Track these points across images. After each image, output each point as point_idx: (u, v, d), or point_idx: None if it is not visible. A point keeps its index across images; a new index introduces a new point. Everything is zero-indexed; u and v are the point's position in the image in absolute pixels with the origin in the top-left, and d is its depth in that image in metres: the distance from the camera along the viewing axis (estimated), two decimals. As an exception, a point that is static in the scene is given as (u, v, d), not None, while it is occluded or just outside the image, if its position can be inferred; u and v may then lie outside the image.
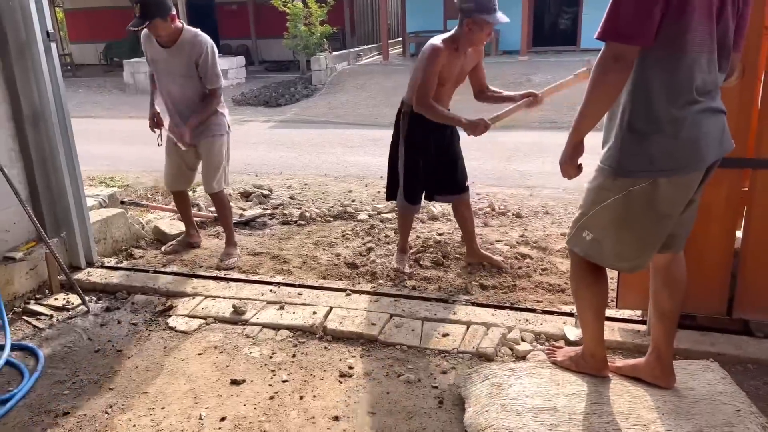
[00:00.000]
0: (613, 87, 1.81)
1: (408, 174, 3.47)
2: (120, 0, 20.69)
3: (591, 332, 2.26)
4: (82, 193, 3.61)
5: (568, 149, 2.00)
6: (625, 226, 1.98)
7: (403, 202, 3.56)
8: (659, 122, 1.81)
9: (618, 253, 2.06)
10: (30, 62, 3.29)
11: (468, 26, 3.14)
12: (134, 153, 7.84)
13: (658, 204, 1.90)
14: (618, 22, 1.73)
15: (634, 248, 2.03)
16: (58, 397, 2.48)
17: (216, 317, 3.07)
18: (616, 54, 1.75)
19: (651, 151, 1.84)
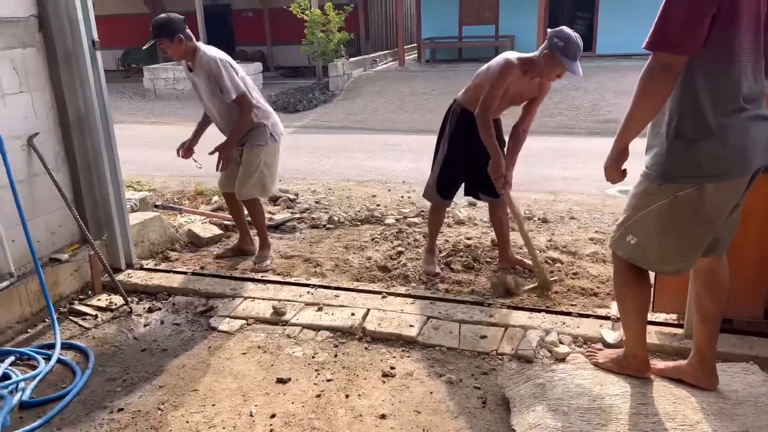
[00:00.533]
0: (660, 95, 1.87)
1: (445, 167, 3.59)
2: (138, 7, 21.00)
3: (633, 333, 2.31)
4: (123, 198, 3.71)
5: (614, 154, 2.06)
6: (670, 230, 2.03)
7: (434, 194, 3.67)
8: (707, 129, 1.86)
9: (662, 256, 2.11)
10: (76, 70, 3.39)
11: (546, 58, 3.15)
12: (158, 157, 7.97)
13: (705, 209, 1.95)
14: (667, 33, 1.79)
15: (679, 252, 2.08)
16: (111, 394, 2.56)
17: (257, 318, 3.14)
18: (665, 63, 1.81)
19: (698, 157, 1.89)
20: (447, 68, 15.37)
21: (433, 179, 3.66)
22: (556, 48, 3.11)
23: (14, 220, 3.09)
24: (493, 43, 16.57)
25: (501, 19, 16.41)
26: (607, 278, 3.61)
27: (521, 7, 15.59)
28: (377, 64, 16.89)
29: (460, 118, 3.49)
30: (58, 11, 3.27)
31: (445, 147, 3.58)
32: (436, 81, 13.60)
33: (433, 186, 3.67)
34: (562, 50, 3.11)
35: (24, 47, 3.18)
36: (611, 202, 5.42)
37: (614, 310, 2.99)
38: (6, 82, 3.08)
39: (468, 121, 3.38)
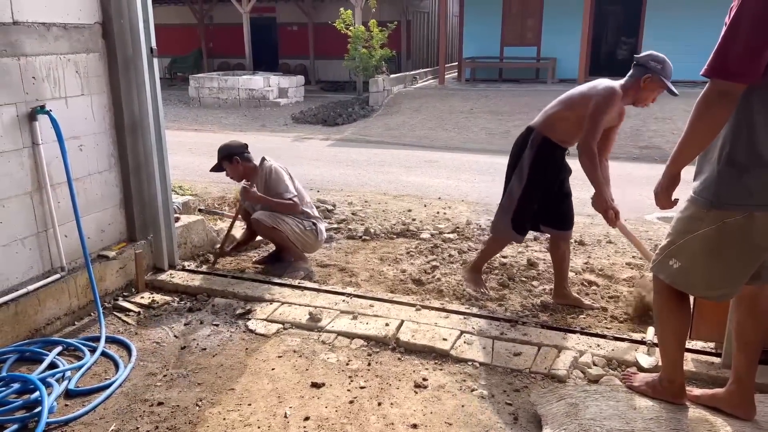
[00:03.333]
0: (716, 122, 1.87)
1: (524, 202, 3.39)
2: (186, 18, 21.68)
3: (671, 358, 2.30)
4: (170, 200, 3.84)
5: (665, 180, 2.07)
6: (716, 256, 2.03)
7: (508, 229, 3.47)
8: (761, 157, 1.87)
9: (706, 282, 2.11)
10: (134, 75, 3.54)
11: (645, 83, 3.12)
12: (201, 164, 8.18)
13: (753, 236, 1.94)
14: (727, 60, 1.79)
15: (723, 278, 2.07)
16: (152, 388, 2.65)
17: (293, 323, 3.21)
18: (723, 90, 1.82)
19: (750, 185, 1.89)
20: (486, 87, 15.42)
21: (509, 215, 3.44)
22: (656, 71, 3.08)
23: (68, 216, 3.24)
24: (535, 64, 16.56)
25: (543, 42, 16.40)
26: (643, 303, 3.57)
27: (564, 30, 15.57)
28: (417, 81, 17.04)
29: (541, 148, 3.29)
30: (121, 19, 3.44)
31: (524, 180, 3.35)
32: (475, 100, 13.64)
33: (509, 222, 3.45)
34: (661, 72, 3.09)
35: (87, 52, 3.35)
36: (650, 228, 5.36)
37: (650, 335, 2.97)
38: (69, 84, 3.25)
39: (549, 152, 3.26)
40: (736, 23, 1.78)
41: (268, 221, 3.95)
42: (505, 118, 12.14)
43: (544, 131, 3.30)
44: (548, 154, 3.28)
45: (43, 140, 3.07)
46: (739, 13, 1.79)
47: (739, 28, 1.78)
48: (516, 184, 3.40)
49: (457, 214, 5.68)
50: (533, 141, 3.33)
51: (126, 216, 3.70)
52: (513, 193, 3.42)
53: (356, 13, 15.70)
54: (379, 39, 14.73)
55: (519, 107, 12.83)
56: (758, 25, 1.75)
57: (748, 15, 1.76)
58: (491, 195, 6.68)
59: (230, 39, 21.28)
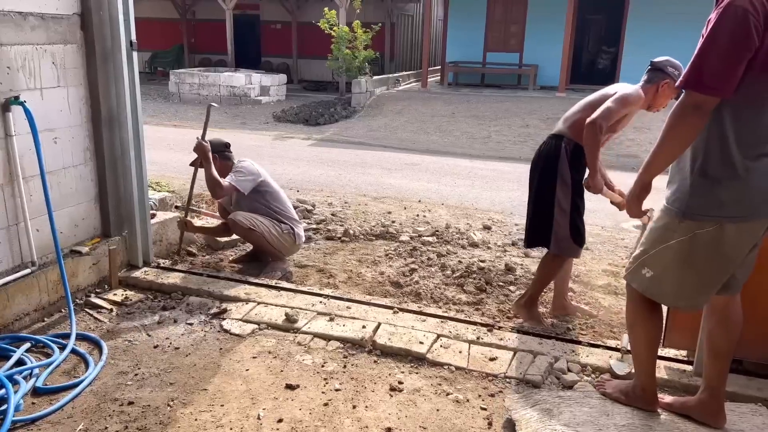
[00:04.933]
0: (689, 134, 1.90)
1: (575, 213, 3.22)
2: (167, 12, 21.43)
3: (643, 366, 2.33)
4: (146, 196, 3.78)
5: (637, 188, 2.09)
6: (688, 266, 2.05)
7: (570, 245, 3.25)
8: (733, 170, 1.90)
9: (678, 292, 2.13)
10: (112, 68, 3.48)
11: (662, 88, 3.08)
12: (179, 160, 8.08)
13: (723, 248, 1.98)
14: (703, 74, 1.82)
15: (695, 288, 2.10)
16: (122, 387, 2.60)
17: (269, 323, 3.18)
18: (697, 103, 1.84)
19: (721, 197, 1.92)
20: (469, 92, 15.49)
21: (566, 230, 3.21)
22: (673, 77, 3.04)
23: (41, 210, 3.17)
24: (517, 70, 16.69)
25: (526, 48, 16.53)
26: (618, 310, 3.61)
27: (546, 37, 15.71)
28: (400, 83, 17.06)
29: (573, 156, 3.15)
30: (101, 11, 3.38)
31: (569, 191, 3.18)
32: (457, 104, 13.70)
33: (569, 238, 3.22)
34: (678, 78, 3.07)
35: (65, 44, 3.28)
36: (626, 235, 5.43)
37: (624, 342, 3.00)
38: (45, 75, 3.18)
39: (581, 155, 3.10)
40: (713, 38, 1.81)
41: (245, 222, 3.92)
42: (486, 123, 12.21)
43: (576, 137, 3.14)
44: (578, 155, 3.13)
45: (17, 132, 3.00)
46: (715, 28, 1.81)
47: (715, 43, 1.81)
48: (562, 196, 3.19)
49: (437, 217, 5.69)
50: (566, 149, 3.17)
51: (101, 211, 3.63)
52: (563, 206, 3.21)
53: (341, 13, 15.66)
54: (363, 40, 14.71)
55: (500, 112, 12.92)
56: (734, 41, 1.78)
57: (725, 31, 1.79)
58: (471, 199, 6.71)
59: (212, 35, 21.08)
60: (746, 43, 1.78)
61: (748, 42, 1.78)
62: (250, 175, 4.00)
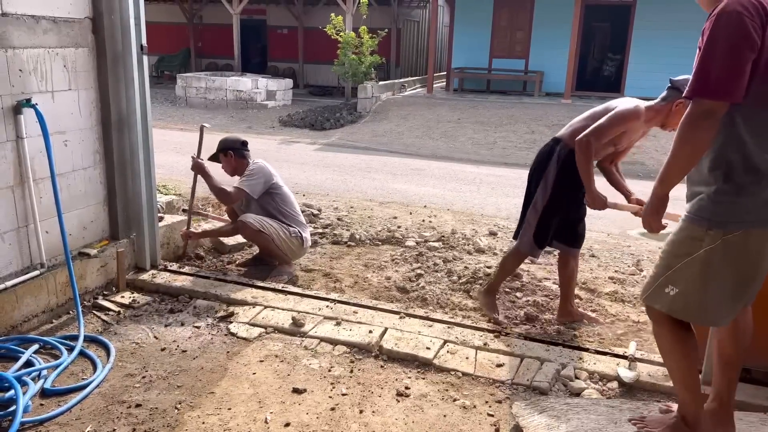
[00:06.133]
0: (702, 142, 1.87)
1: (546, 216, 3.32)
2: (175, 16, 21.55)
3: (691, 391, 2.13)
4: (154, 199, 3.80)
5: (654, 201, 2.04)
6: (715, 277, 1.98)
7: (531, 244, 3.38)
8: (756, 174, 1.87)
9: (705, 306, 2.03)
10: (122, 72, 3.51)
11: (677, 107, 3.00)
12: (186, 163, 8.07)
13: (751, 255, 1.94)
14: (709, 80, 1.81)
15: (722, 300, 2.02)
16: (130, 389, 2.61)
17: (275, 327, 3.18)
18: (707, 110, 1.83)
19: (747, 203, 1.89)
20: (474, 98, 15.51)
21: (532, 229, 3.35)
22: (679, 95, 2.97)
23: (50, 212, 3.18)
24: (522, 77, 16.70)
25: (531, 55, 16.54)
26: (625, 317, 3.61)
27: (552, 44, 15.73)
28: (406, 89, 17.09)
29: (566, 163, 3.20)
30: (112, 15, 3.40)
31: (548, 191, 3.28)
32: (462, 110, 13.71)
33: (531, 237, 3.36)
34: None
35: (76, 47, 3.31)
36: (632, 243, 5.42)
37: (631, 349, 2.99)
38: (56, 78, 3.20)
39: (575, 166, 3.12)
40: (712, 45, 1.82)
41: (254, 224, 3.93)
42: (492, 129, 12.22)
43: (571, 143, 3.17)
44: (573, 167, 3.15)
45: (28, 134, 3.02)
46: (712, 35, 1.82)
47: (715, 49, 1.81)
48: (540, 197, 3.31)
49: (443, 222, 5.69)
50: (559, 154, 3.24)
51: (109, 214, 3.65)
52: (537, 206, 3.33)
53: (347, 19, 15.72)
54: (370, 46, 14.75)
55: (506, 119, 12.92)
56: (734, 44, 1.79)
57: (723, 35, 1.80)
58: (476, 205, 6.71)
59: (219, 39, 21.17)
60: (747, 43, 1.78)
61: (749, 41, 1.78)
62: (261, 178, 4.02)
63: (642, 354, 2.95)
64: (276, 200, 4.08)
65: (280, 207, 4.09)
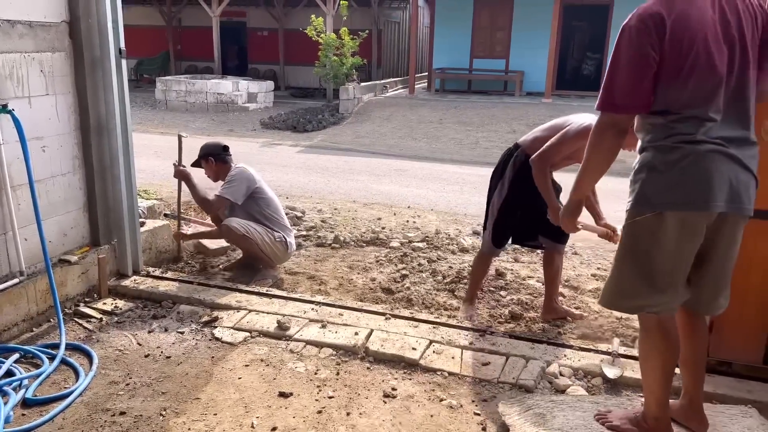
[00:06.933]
0: (609, 151, 2.00)
1: (502, 216, 3.41)
2: (153, 19, 21.36)
3: (655, 395, 2.18)
4: (135, 204, 3.76)
5: (571, 206, 2.18)
6: (630, 257, 2.05)
7: (489, 244, 3.48)
8: (669, 160, 1.92)
9: (620, 289, 2.10)
10: (101, 76, 3.46)
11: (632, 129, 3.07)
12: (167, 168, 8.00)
13: (662, 238, 1.95)
14: (613, 95, 1.92)
15: (635, 284, 2.05)
16: (114, 397, 2.58)
17: (260, 331, 3.17)
18: (612, 122, 1.95)
19: (659, 185, 1.94)
20: (456, 98, 15.58)
21: (489, 230, 3.45)
22: None
23: (29, 218, 3.13)
24: (503, 77, 16.81)
25: (512, 55, 16.67)
26: (608, 314, 3.64)
27: (532, 44, 15.86)
28: (387, 90, 17.12)
29: (523, 166, 3.28)
30: (89, 19, 3.36)
31: (504, 193, 3.37)
32: (444, 111, 13.77)
33: (489, 237, 3.45)
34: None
35: (53, 51, 3.26)
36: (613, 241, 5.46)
37: (615, 346, 3.03)
38: (33, 84, 3.16)
39: (530, 171, 3.20)
40: (615, 60, 1.93)
41: (239, 228, 3.90)
42: (473, 129, 12.28)
43: (528, 150, 3.26)
44: (529, 173, 3.21)
45: (5, 140, 2.97)
46: (616, 51, 1.93)
47: (618, 64, 1.92)
48: (497, 198, 3.41)
49: (427, 223, 5.71)
50: (516, 158, 3.33)
51: (89, 220, 3.61)
52: (494, 208, 3.44)
53: (328, 20, 15.71)
54: (351, 47, 14.75)
55: (487, 119, 13.00)
56: (633, 60, 1.89)
57: (624, 51, 1.91)
58: (460, 205, 6.74)
59: (199, 42, 21.02)
60: (644, 60, 1.88)
61: (646, 58, 1.87)
62: (243, 183, 3.99)
63: (625, 350, 2.99)
64: (260, 204, 4.06)
65: (264, 211, 4.07)
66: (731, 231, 2.02)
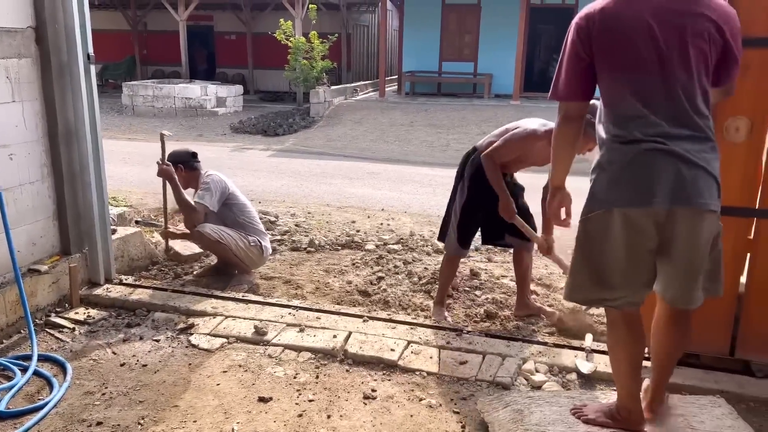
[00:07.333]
0: (566, 137, 2.18)
1: (464, 217, 3.49)
2: (118, 24, 21.02)
3: (626, 388, 2.24)
4: (107, 211, 3.71)
5: (550, 195, 2.31)
6: (581, 253, 2.13)
7: (455, 245, 3.54)
8: (611, 159, 2.03)
9: (576, 284, 2.18)
10: (69, 82, 3.41)
11: None
12: (135, 174, 7.93)
13: (610, 235, 2.03)
14: (557, 85, 2.11)
15: (587, 279, 2.13)
16: (90, 408, 2.54)
17: (238, 337, 3.15)
18: (562, 110, 2.13)
19: (603, 183, 2.04)
20: (426, 101, 15.68)
21: (454, 231, 3.53)
22: (587, 124, 2.93)
23: (-3, 228, 3.07)
24: (472, 79, 16.98)
25: (480, 58, 16.86)
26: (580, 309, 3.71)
27: (500, 46, 16.06)
28: (358, 93, 17.14)
29: (480, 169, 3.37)
30: (56, 24, 3.31)
31: (464, 194, 3.47)
32: (415, 113, 13.85)
33: (455, 238, 3.53)
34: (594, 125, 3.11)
35: (19, 57, 3.20)
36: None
37: (588, 341, 3.10)
38: (-1, 90, 3.09)
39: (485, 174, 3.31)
40: (561, 55, 2.11)
41: (212, 234, 3.88)
42: (444, 131, 12.38)
43: (482, 149, 3.39)
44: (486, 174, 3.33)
45: (-30, 148, 2.91)
46: (562, 48, 2.12)
47: (561, 59, 2.10)
48: (459, 200, 3.51)
49: (401, 225, 5.74)
50: (473, 161, 3.44)
51: (59, 228, 3.54)
52: (456, 209, 3.53)
53: (296, 24, 15.67)
54: (320, 51, 14.74)
55: (457, 121, 13.12)
56: (569, 54, 2.07)
57: (565, 46, 2.09)
58: (433, 206, 6.78)
59: (165, 46, 20.76)
60: (577, 56, 2.05)
61: (578, 55, 2.05)
62: (218, 191, 3.97)
63: (598, 345, 3.05)
64: (234, 211, 4.04)
65: (239, 218, 4.05)
66: (688, 226, 2.01)
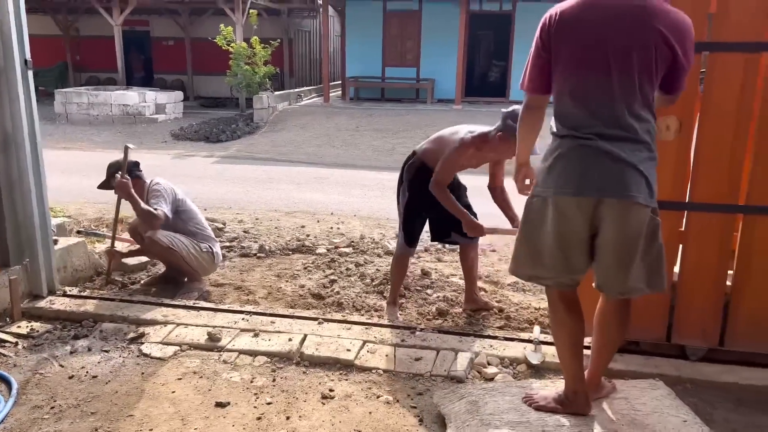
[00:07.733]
0: (528, 124, 2.37)
1: (408, 216, 3.59)
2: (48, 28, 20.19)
3: (569, 371, 2.37)
4: (48, 221, 3.59)
5: (516, 171, 2.47)
6: (523, 232, 2.35)
7: (402, 245, 3.64)
8: (552, 149, 2.25)
9: (516, 257, 2.41)
10: (5, 88, 3.30)
11: (501, 140, 3.24)
12: (73, 184, 7.64)
13: (546, 219, 2.25)
14: (525, 77, 2.29)
15: (526, 255, 2.36)
16: (39, 422, 2.46)
17: (191, 344, 3.11)
18: (525, 100, 2.35)
19: (545, 173, 2.26)
20: (371, 106, 15.79)
21: (401, 232, 3.63)
22: (509, 129, 3.09)
23: (-70, 240, 2.93)
24: (415, 85, 17.20)
25: (422, 63, 17.09)
26: (527, 305, 3.86)
27: (441, 52, 16.34)
28: (302, 98, 17.08)
29: (418, 172, 3.51)
30: (-9, 28, 3.20)
31: (405, 195, 3.58)
32: (360, 118, 13.93)
33: (402, 238, 3.62)
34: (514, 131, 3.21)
35: (-49, 62, 3.07)
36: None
37: (536, 333, 3.22)
38: (-70, 96, 2.96)
39: (425, 176, 3.42)
40: (530, 51, 2.27)
41: (164, 240, 3.81)
42: (389, 136, 12.51)
43: (422, 157, 3.52)
44: (424, 177, 3.42)
45: None
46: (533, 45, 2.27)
47: (529, 54, 2.27)
48: (402, 201, 3.64)
49: (351, 228, 5.78)
50: (412, 165, 3.57)
51: (-3, 239, 3.41)
52: (400, 211, 3.66)
53: (237, 29, 15.48)
54: (263, 56, 14.61)
55: (402, 125, 13.27)
56: (533, 53, 2.25)
57: (533, 44, 2.25)
58: (382, 209, 6.86)
59: (99, 52, 20.04)
60: (538, 53, 2.22)
61: (539, 51, 2.22)
62: (169, 198, 3.90)
63: (545, 337, 3.18)
64: (183, 218, 3.98)
65: (188, 226, 3.99)
66: (616, 216, 2.16)
